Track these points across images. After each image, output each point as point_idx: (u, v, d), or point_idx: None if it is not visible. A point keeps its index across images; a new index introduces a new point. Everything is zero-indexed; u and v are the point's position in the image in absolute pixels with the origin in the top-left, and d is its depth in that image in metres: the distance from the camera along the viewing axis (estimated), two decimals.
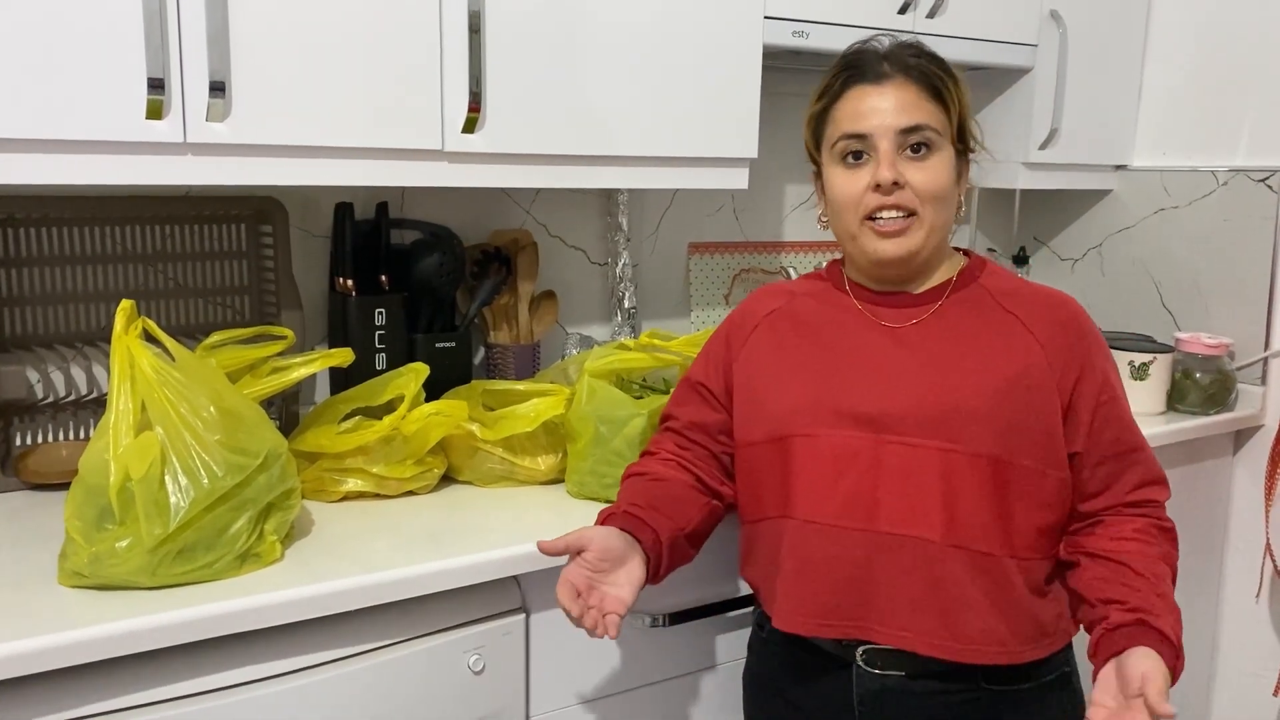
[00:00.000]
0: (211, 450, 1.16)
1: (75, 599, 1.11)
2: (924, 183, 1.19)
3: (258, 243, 1.67)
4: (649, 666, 1.45)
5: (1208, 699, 2.30)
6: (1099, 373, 1.23)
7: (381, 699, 1.22)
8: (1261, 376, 2.15)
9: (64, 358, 1.50)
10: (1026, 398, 1.19)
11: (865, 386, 1.21)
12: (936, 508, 1.17)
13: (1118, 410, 1.24)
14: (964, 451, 1.16)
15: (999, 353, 1.21)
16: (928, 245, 1.22)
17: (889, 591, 1.18)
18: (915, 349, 1.22)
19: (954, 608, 1.17)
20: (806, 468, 1.22)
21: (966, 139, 1.25)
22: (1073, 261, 2.46)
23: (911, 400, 1.19)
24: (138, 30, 1.23)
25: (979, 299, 1.25)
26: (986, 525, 1.17)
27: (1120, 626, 1.12)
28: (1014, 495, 1.18)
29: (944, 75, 1.22)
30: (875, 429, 1.19)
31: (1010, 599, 1.18)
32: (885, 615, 1.18)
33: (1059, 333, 1.22)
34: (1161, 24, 2.28)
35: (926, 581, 1.17)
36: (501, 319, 1.88)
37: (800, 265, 2.28)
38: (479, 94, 1.46)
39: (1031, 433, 1.18)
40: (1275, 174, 2.10)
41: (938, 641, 1.17)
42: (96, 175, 1.26)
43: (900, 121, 1.19)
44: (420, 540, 1.31)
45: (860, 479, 1.19)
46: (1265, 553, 2.13)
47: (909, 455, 1.18)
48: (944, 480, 1.17)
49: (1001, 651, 1.18)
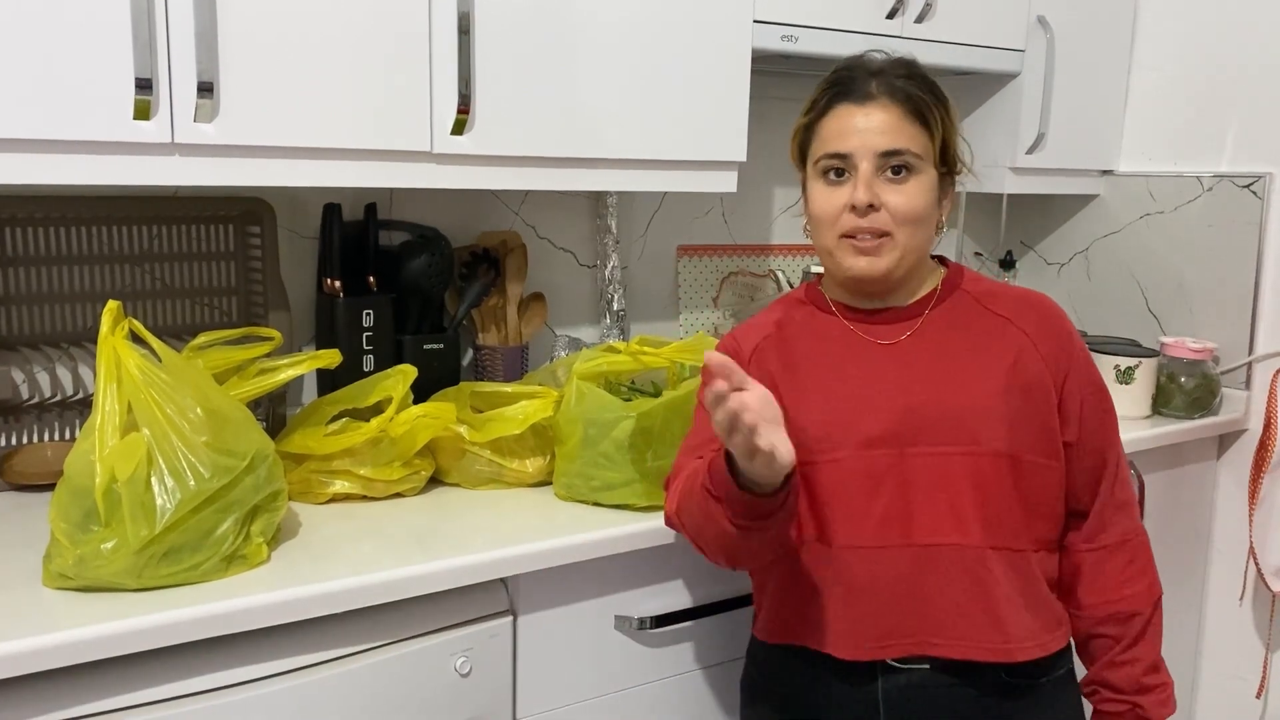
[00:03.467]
0: (198, 452, 1.16)
1: (60, 601, 1.11)
2: (900, 206, 1.20)
3: (245, 243, 1.66)
4: (636, 669, 1.45)
5: (1191, 702, 2.31)
6: (1085, 366, 1.28)
7: (368, 701, 1.22)
8: (1245, 381, 2.17)
9: (50, 358, 1.49)
10: (1026, 393, 1.22)
11: (877, 405, 1.22)
12: (972, 512, 1.19)
13: (1104, 404, 1.29)
14: (986, 452, 1.19)
15: (994, 353, 1.24)
16: (902, 265, 1.23)
17: (940, 602, 1.19)
18: (914, 361, 1.24)
19: (997, 608, 1.19)
20: (837, 493, 1.21)
21: (951, 160, 1.26)
22: (1059, 266, 2.48)
23: (925, 410, 1.21)
24: (125, 30, 1.22)
25: (964, 305, 1.28)
26: (1017, 522, 1.21)
27: (1114, 715, 1.28)
28: (1029, 490, 1.22)
29: (930, 98, 1.22)
30: (898, 444, 1.20)
31: (1036, 592, 1.23)
32: (944, 627, 1.19)
33: (1047, 329, 1.26)
34: (1147, 31, 2.29)
35: (969, 587, 1.19)
36: (490, 321, 1.88)
37: (788, 268, 2.28)
38: (468, 96, 1.46)
39: (1034, 427, 1.22)
40: (1259, 180, 2.12)
41: (990, 646, 1.20)
42: (83, 175, 1.25)
43: (881, 144, 1.19)
44: (407, 542, 1.31)
45: (892, 496, 1.20)
46: (1249, 556, 2.14)
47: (936, 464, 1.19)
48: (974, 483, 1.19)
49: (1036, 645, 1.22)
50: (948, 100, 1.24)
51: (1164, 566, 2.15)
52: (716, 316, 2.22)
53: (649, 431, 1.44)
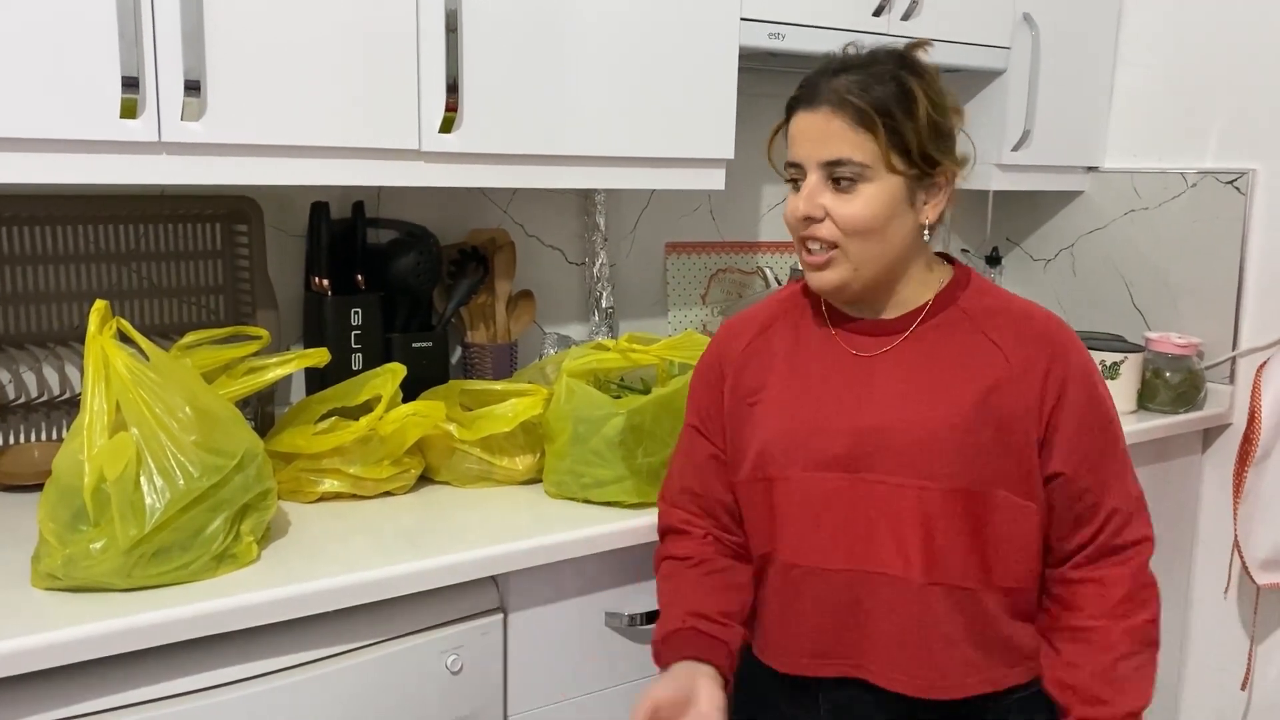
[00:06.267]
0: (187, 451, 1.16)
1: (49, 601, 1.10)
2: (845, 217, 1.15)
3: (233, 242, 1.66)
4: (626, 666, 1.45)
5: (1177, 694, 2.33)
6: (1082, 394, 1.19)
7: (359, 700, 1.22)
8: (1230, 375, 2.18)
9: (36, 358, 1.48)
10: (1000, 427, 1.16)
11: (836, 425, 1.19)
12: (916, 547, 1.16)
13: (1107, 435, 1.20)
14: (938, 489, 1.15)
15: (970, 380, 1.17)
16: (858, 278, 1.18)
17: (876, 631, 1.18)
18: (886, 379, 1.20)
19: (938, 645, 1.17)
20: (788, 511, 1.21)
21: (928, 160, 1.16)
22: (1045, 262, 2.49)
23: (882, 435, 1.17)
24: (112, 28, 1.22)
25: (955, 323, 1.21)
26: (965, 561, 1.16)
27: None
28: (992, 527, 1.16)
29: (880, 103, 1.14)
30: (851, 468, 1.18)
31: (990, 630, 1.18)
32: (878, 654, 1.18)
33: (1038, 356, 1.18)
34: (1132, 28, 2.30)
35: (905, 620, 1.17)
36: (479, 319, 1.88)
37: (776, 265, 2.29)
38: (456, 94, 1.45)
39: (1005, 462, 1.16)
40: (1242, 176, 2.13)
41: (923, 682, 1.18)
42: (70, 175, 1.25)
43: (822, 154, 1.16)
44: (398, 541, 1.31)
45: (840, 519, 1.18)
46: (1233, 549, 2.16)
47: (886, 494, 1.17)
48: (922, 519, 1.16)
49: (983, 681, 1.19)
50: (913, 98, 1.15)
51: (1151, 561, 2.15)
52: (705, 313, 2.22)
53: (639, 429, 1.45)
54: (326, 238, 1.68)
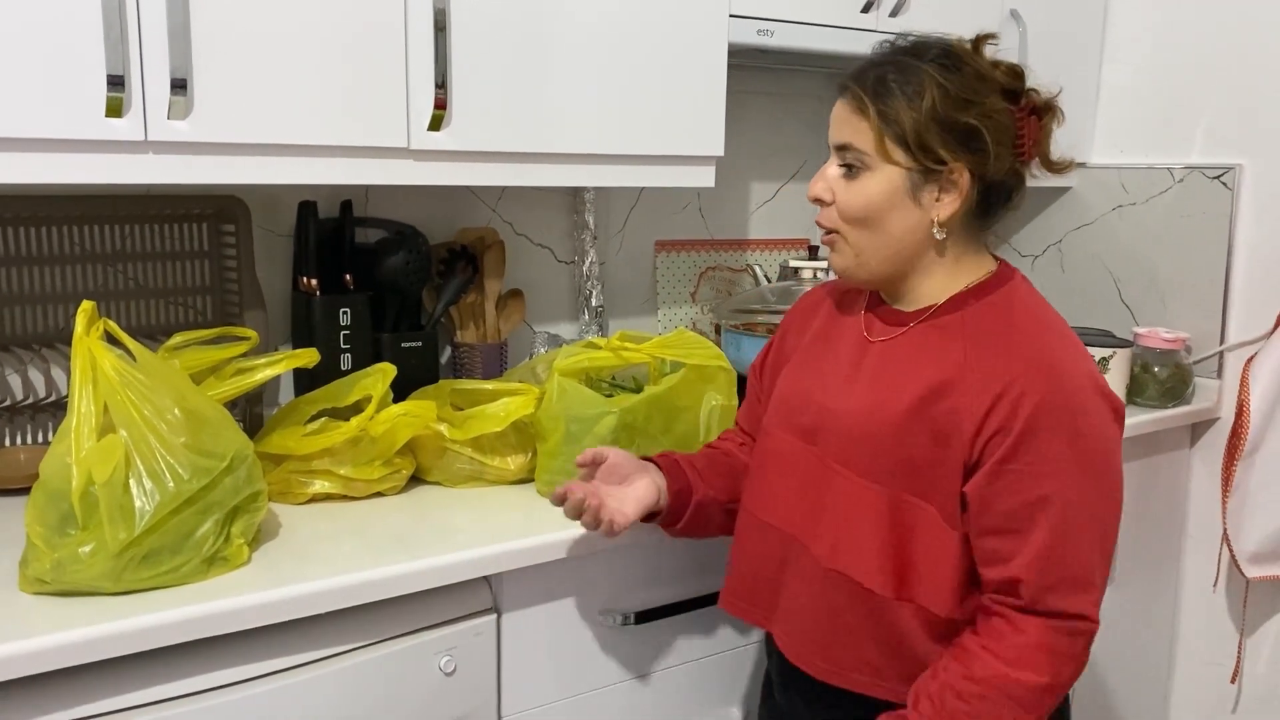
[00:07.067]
0: (176, 453, 1.15)
1: (37, 606, 1.09)
2: (843, 203, 1.17)
3: (220, 242, 1.64)
4: (620, 665, 1.45)
5: (1167, 687, 2.34)
6: (1048, 437, 1.08)
7: (352, 702, 1.21)
8: (1218, 370, 2.19)
9: (22, 360, 1.47)
10: (933, 437, 1.12)
11: (816, 397, 1.24)
12: (830, 529, 1.20)
13: (1066, 499, 1.08)
14: (862, 481, 1.17)
15: (914, 385, 1.14)
16: (861, 266, 1.19)
17: (789, 593, 1.25)
18: (869, 367, 1.21)
19: (834, 628, 1.20)
20: (763, 463, 1.30)
21: (927, 153, 1.13)
22: (1033, 258, 2.49)
23: (831, 419, 1.21)
24: (97, 26, 1.20)
25: (948, 326, 1.17)
26: (878, 566, 1.15)
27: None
28: (917, 543, 1.14)
29: (871, 92, 1.13)
30: (809, 440, 1.24)
31: (903, 644, 1.16)
32: (787, 618, 1.25)
33: (999, 373, 1.10)
34: (1119, 24, 2.31)
35: (817, 599, 1.21)
36: (468, 318, 1.87)
37: (766, 262, 2.29)
38: (445, 91, 1.45)
39: (938, 479, 1.12)
40: (1229, 171, 2.14)
41: (806, 655, 1.22)
42: (55, 174, 1.23)
43: (833, 138, 1.19)
44: (389, 542, 1.30)
45: (796, 485, 1.24)
46: (1222, 543, 2.17)
47: (826, 473, 1.21)
48: (846, 505, 1.18)
49: (877, 685, 1.18)
50: (920, 88, 1.11)
51: (1139, 555, 2.18)
52: (695, 311, 2.22)
53: (631, 427, 1.44)
54: (314, 237, 1.67)
